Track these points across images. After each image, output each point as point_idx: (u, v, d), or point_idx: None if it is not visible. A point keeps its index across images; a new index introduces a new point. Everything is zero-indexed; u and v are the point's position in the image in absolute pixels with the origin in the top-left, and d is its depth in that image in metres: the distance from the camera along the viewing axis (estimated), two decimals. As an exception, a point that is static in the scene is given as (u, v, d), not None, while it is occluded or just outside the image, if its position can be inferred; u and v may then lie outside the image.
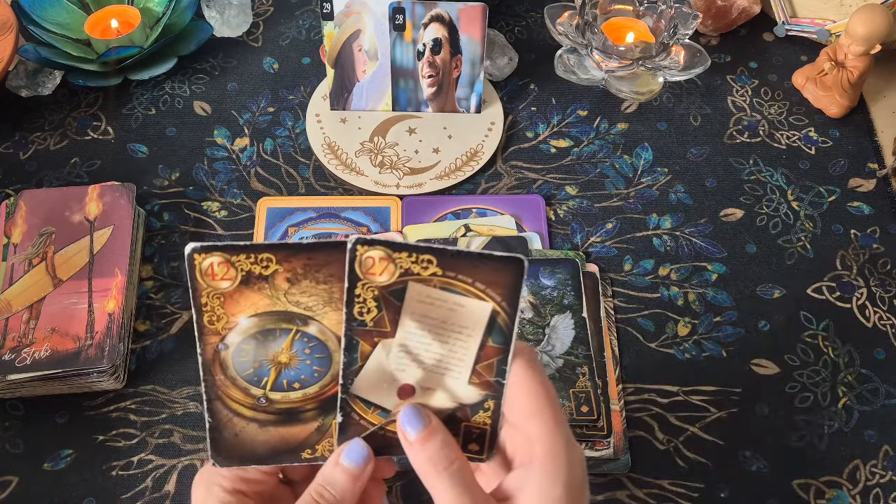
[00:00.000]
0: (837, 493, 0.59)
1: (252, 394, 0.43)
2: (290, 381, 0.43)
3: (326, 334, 0.42)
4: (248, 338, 0.42)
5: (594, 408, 0.59)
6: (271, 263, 0.41)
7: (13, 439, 0.61)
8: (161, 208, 0.73)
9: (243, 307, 0.42)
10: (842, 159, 0.77)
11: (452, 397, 0.43)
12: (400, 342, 0.42)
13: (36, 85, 0.80)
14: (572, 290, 0.65)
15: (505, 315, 0.41)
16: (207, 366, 0.42)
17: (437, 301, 0.41)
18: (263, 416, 0.43)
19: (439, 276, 0.40)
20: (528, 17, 0.88)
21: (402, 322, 0.41)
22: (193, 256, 0.40)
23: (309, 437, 0.44)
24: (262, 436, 0.44)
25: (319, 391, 0.43)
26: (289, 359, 0.43)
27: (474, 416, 0.43)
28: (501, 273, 0.40)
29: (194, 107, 0.80)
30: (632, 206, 0.73)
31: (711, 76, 0.82)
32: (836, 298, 0.68)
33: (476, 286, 0.41)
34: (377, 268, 0.40)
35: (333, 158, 0.75)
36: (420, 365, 0.42)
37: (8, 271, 0.65)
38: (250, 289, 0.41)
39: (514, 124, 0.79)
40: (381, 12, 0.72)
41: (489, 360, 0.42)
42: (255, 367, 0.43)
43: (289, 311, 0.42)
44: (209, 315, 0.42)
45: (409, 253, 0.40)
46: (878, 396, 0.63)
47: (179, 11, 0.83)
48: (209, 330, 0.42)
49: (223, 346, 0.42)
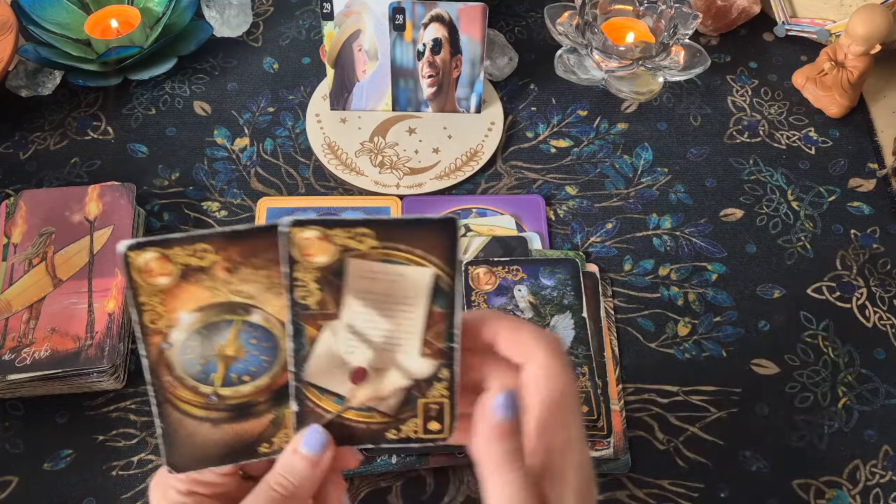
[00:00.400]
0: (837, 493, 0.59)
1: (202, 392, 0.42)
2: (240, 374, 0.42)
3: (271, 322, 0.41)
4: (193, 334, 0.41)
5: (594, 408, 0.59)
6: (208, 254, 0.40)
7: (13, 439, 0.61)
8: (161, 208, 0.73)
9: (184, 302, 0.40)
10: (842, 159, 0.77)
11: (406, 374, 0.42)
12: (346, 323, 0.41)
13: (36, 85, 0.80)
14: (572, 290, 0.65)
15: (447, 277, 0.40)
16: (153, 368, 0.41)
17: (379, 274, 0.40)
18: (216, 415, 0.42)
19: (377, 248, 0.39)
20: (528, 17, 0.88)
21: (346, 301, 0.40)
22: (128, 254, 0.39)
23: (264, 430, 0.43)
24: (216, 435, 0.42)
25: (270, 382, 0.42)
26: (235, 351, 0.42)
27: (430, 391, 0.42)
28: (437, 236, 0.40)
29: (194, 107, 0.80)
30: (632, 206, 0.73)
31: (711, 76, 0.82)
32: (836, 298, 0.68)
33: (415, 253, 0.40)
34: (314, 248, 0.39)
35: (333, 158, 0.75)
36: (369, 345, 0.41)
37: (8, 271, 0.65)
38: (189, 282, 0.40)
39: (514, 124, 0.79)
40: (381, 12, 0.72)
41: (437, 327, 0.41)
42: (202, 363, 0.42)
43: (231, 301, 0.41)
44: (150, 314, 0.40)
45: (345, 228, 0.39)
46: (878, 396, 0.63)
47: (179, 11, 0.83)
48: (151, 330, 0.41)
49: (167, 346, 0.41)
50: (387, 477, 0.59)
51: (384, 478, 0.59)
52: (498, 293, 0.65)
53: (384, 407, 0.42)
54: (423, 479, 0.59)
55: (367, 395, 0.42)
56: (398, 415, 0.42)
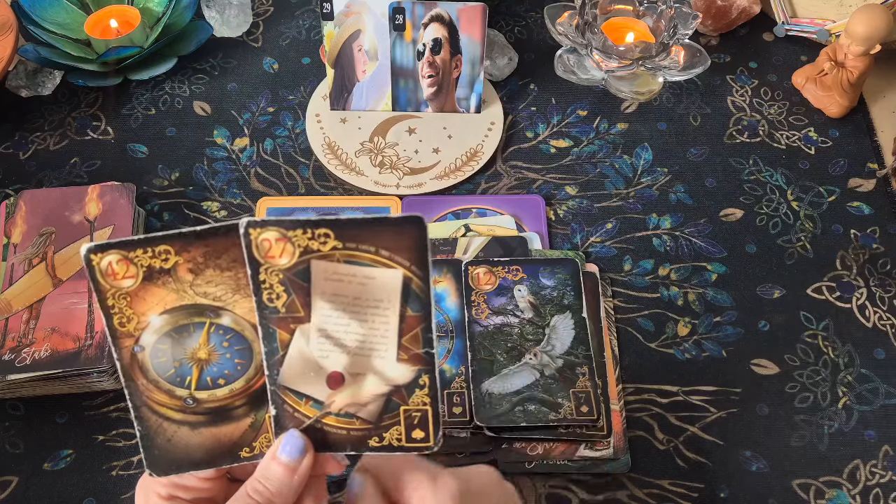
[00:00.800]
0: (837, 493, 0.59)
1: (178, 395, 0.41)
2: (214, 377, 0.41)
3: (241, 324, 0.41)
4: (163, 336, 0.41)
5: (594, 408, 0.59)
6: (170, 255, 0.39)
7: (13, 439, 0.61)
8: (161, 208, 0.73)
9: (151, 304, 0.40)
10: (842, 159, 0.77)
11: (384, 380, 0.40)
12: (317, 326, 0.40)
13: (36, 85, 0.80)
14: (572, 290, 0.65)
15: (418, 280, 0.39)
16: (127, 371, 0.41)
17: (346, 276, 0.39)
18: (194, 418, 0.41)
19: (340, 249, 0.38)
20: (528, 17, 0.88)
21: (315, 304, 0.39)
22: (90, 257, 0.39)
23: (244, 434, 0.42)
24: (195, 439, 0.42)
25: (246, 385, 0.42)
26: (208, 354, 0.41)
27: (412, 398, 0.41)
28: (404, 236, 0.38)
29: (194, 107, 0.80)
30: (632, 206, 0.73)
31: (711, 76, 0.82)
32: (836, 298, 0.68)
33: (381, 254, 0.38)
34: (275, 249, 0.38)
35: (333, 158, 0.75)
36: (343, 349, 0.40)
37: (8, 271, 0.65)
38: (154, 284, 0.40)
39: (514, 124, 0.79)
40: (381, 12, 0.72)
41: (413, 331, 0.40)
42: (175, 366, 0.41)
43: (197, 303, 0.40)
44: (118, 317, 0.40)
45: (304, 229, 0.38)
46: (878, 396, 0.63)
47: (179, 11, 0.83)
48: (121, 333, 0.40)
49: (139, 348, 0.41)
50: (387, 477, 0.59)
51: (384, 478, 0.59)
52: (498, 293, 0.65)
53: (364, 413, 0.41)
54: (423, 479, 0.59)
55: (345, 400, 0.41)
56: (379, 422, 0.41)
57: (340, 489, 0.58)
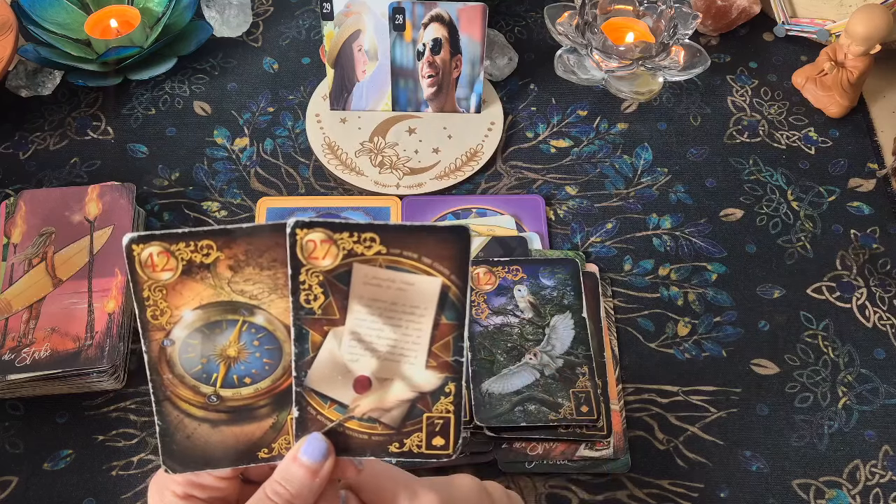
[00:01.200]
0: (837, 493, 0.59)
1: (202, 392, 0.41)
2: (241, 376, 0.41)
3: (274, 324, 0.40)
4: (194, 332, 0.40)
5: (594, 408, 0.59)
6: (212, 251, 0.39)
7: (13, 439, 0.61)
8: (161, 208, 0.73)
9: (187, 299, 0.40)
10: (842, 159, 0.77)
11: (411, 386, 0.41)
12: (350, 329, 0.40)
13: (36, 85, 0.80)
14: (572, 290, 0.65)
15: (456, 289, 0.39)
16: (154, 364, 0.40)
17: (385, 282, 0.39)
18: (215, 416, 0.41)
19: (384, 254, 0.38)
20: (528, 17, 0.88)
21: (351, 308, 0.39)
22: (132, 247, 0.39)
23: (264, 435, 0.42)
24: (215, 437, 0.41)
25: (272, 385, 0.41)
26: (237, 352, 0.41)
27: (436, 405, 0.41)
28: (447, 245, 0.38)
29: (194, 107, 0.80)
30: (632, 206, 0.73)
31: (711, 76, 0.82)
32: (836, 298, 0.68)
33: (423, 261, 0.39)
34: (319, 251, 0.38)
35: (333, 158, 0.75)
36: (374, 353, 0.40)
37: (8, 271, 0.65)
38: (193, 279, 0.39)
39: (514, 124, 0.79)
40: (381, 12, 0.72)
41: (445, 339, 0.40)
42: (202, 362, 0.41)
43: (233, 300, 0.40)
44: (152, 309, 0.40)
45: (351, 232, 0.38)
46: (878, 396, 0.63)
47: (179, 11, 0.83)
48: (153, 325, 0.40)
49: (169, 342, 0.40)
50: (387, 477, 0.59)
51: (384, 478, 0.59)
52: (498, 293, 0.65)
53: (387, 419, 0.41)
54: (423, 479, 0.59)
55: (370, 405, 0.41)
56: (401, 428, 0.41)
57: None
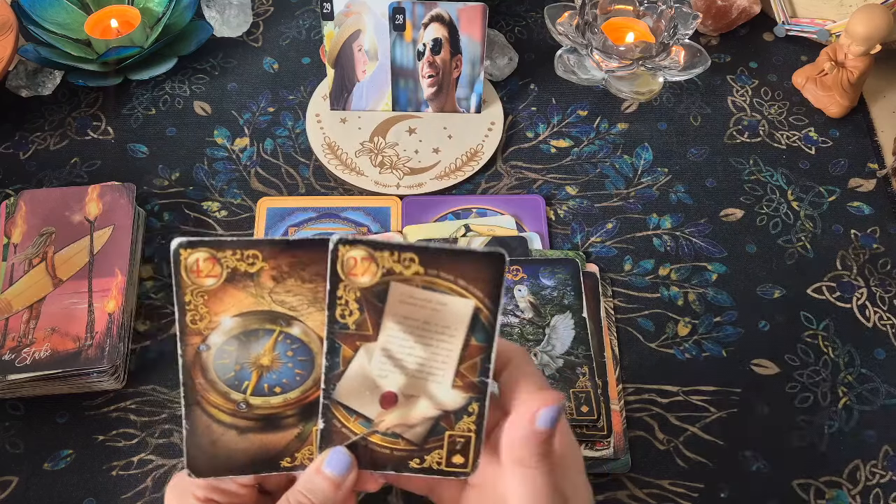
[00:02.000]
0: (837, 493, 0.59)
1: (232, 399, 0.41)
2: (272, 385, 0.42)
3: (310, 336, 0.41)
4: (231, 339, 0.41)
5: (594, 407, 0.59)
6: (257, 261, 0.40)
7: (13, 439, 0.61)
8: (161, 208, 0.73)
9: (227, 306, 0.40)
10: (842, 159, 0.77)
11: (436, 404, 0.41)
12: (382, 346, 0.40)
13: (36, 85, 0.80)
14: (572, 290, 0.65)
15: (487, 312, 0.39)
16: (188, 368, 0.41)
17: (420, 301, 0.40)
18: (243, 423, 0.42)
19: (421, 274, 0.39)
20: (528, 17, 0.88)
21: (385, 325, 0.40)
22: (179, 252, 0.39)
23: (289, 444, 0.42)
24: (240, 444, 0.42)
25: (301, 396, 0.42)
26: (271, 361, 0.41)
27: (458, 423, 0.41)
28: (483, 269, 0.39)
29: (194, 107, 0.80)
30: (632, 206, 0.73)
31: (711, 76, 0.82)
32: (836, 298, 0.68)
33: (458, 283, 0.39)
34: (359, 268, 0.39)
35: (333, 158, 0.75)
36: (402, 370, 0.41)
37: (8, 271, 0.65)
38: (235, 287, 0.40)
39: (514, 124, 0.79)
40: (381, 12, 0.72)
41: (473, 360, 0.40)
42: (236, 370, 0.41)
43: (273, 310, 0.40)
44: (192, 314, 0.40)
45: (392, 252, 0.38)
46: (878, 396, 0.63)
47: (179, 11, 0.83)
48: (191, 330, 0.40)
49: (205, 348, 0.41)
50: (387, 477, 0.59)
51: (384, 478, 0.59)
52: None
53: (410, 435, 0.42)
54: (423, 479, 0.59)
55: (394, 420, 0.41)
56: (423, 444, 0.42)
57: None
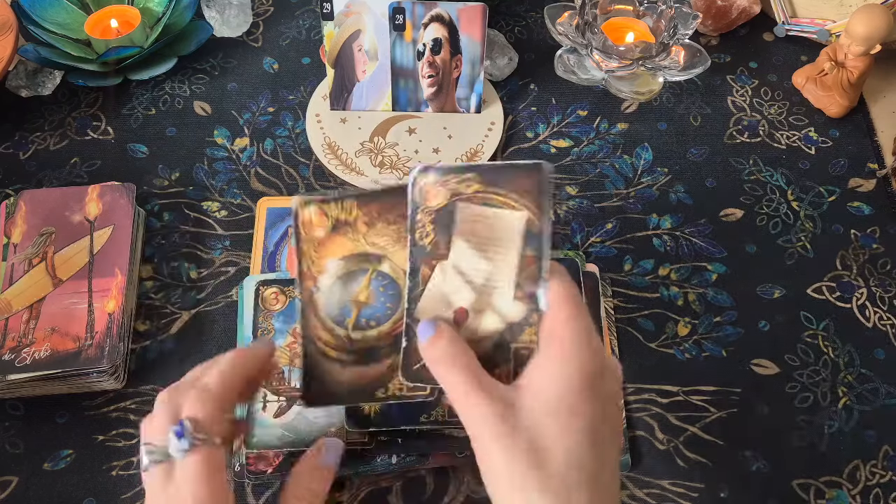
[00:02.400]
0: (837, 493, 0.59)
1: (337, 334, 0.47)
2: (368, 319, 0.47)
3: (397, 272, 0.47)
4: (336, 280, 0.47)
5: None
6: (354, 209, 0.46)
7: (13, 439, 0.61)
8: (161, 208, 0.73)
9: (332, 251, 0.47)
10: (842, 159, 0.77)
11: (501, 317, 0.45)
12: (453, 263, 0.45)
13: (36, 85, 0.80)
14: (572, 290, 0.65)
15: (536, 220, 0.44)
16: (305, 308, 0.47)
17: (480, 217, 0.44)
18: (346, 357, 0.47)
19: (480, 192, 0.44)
20: (528, 17, 0.88)
21: (455, 243, 0.45)
22: (298, 209, 0.46)
23: (382, 376, 0.47)
24: (343, 376, 0.47)
25: (392, 328, 0.47)
26: (367, 297, 0.47)
27: (521, 336, 0.45)
28: (527, 180, 0.44)
29: (194, 107, 0.80)
30: (632, 206, 0.73)
31: (711, 76, 0.82)
32: (836, 298, 0.68)
33: (510, 197, 0.44)
34: (431, 193, 0.44)
35: (333, 158, 0.75)
36: (472, 286, 0.45)
37: (8, 271, 0.65)
38: (338, 234, 0.47)
39: (514, 124, 0.79)
40: (381, 12, 0.72)
41: (528, 270, 0.44)
42: (339, 307, 0.47)
43: (367, 252, 0.47)
44: (307, 261, 0.47)
45: (455, 174, 0.44)
46: (878, 396, 0.63)
47: (179, 11, 0.83)
48: (306, 275, 0.47)
49: (316, 289, 0.47)
50: (387, 477, 0.59)
51: (384, 478, 0.59)
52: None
53: (478, 349, 0.44)
54: (423, 479, 0.59)
55: (465, 336, 0.45)
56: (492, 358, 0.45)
57: (339, 489, 0.58)
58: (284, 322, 0.62)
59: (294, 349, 0.56)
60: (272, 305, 0.61)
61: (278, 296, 0.61)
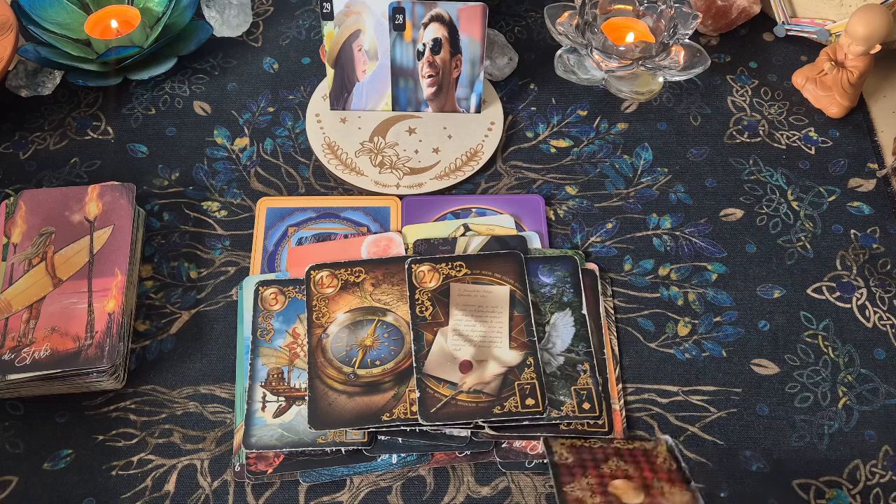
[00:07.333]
0: (837, 493, 0.59)
1: (344, 371, 0.58)
2: (373, 359, 0.58)
3: (399, 322, 0.60)
4: (343, 328, 0.59)
5: (596, 404, 0.59)
6: (362, 273, 0.62)
7: (13, 439, 0.61)
8: (161, 208, 0.73)
9: (341, 305, 0.61)
10: (842, 159, 0.77)
11: (501, 363, 0.58)
12: (452, 328, 0.59)
13: (36, 85, 0.80)
14: (571, 288, 0.65)
15: (520, 291, 0.60)
16: (312, 351, 0.59)
17: (472, 292, 0.59)
18: (352, 389, 0.57)
19: (469, 274, 0.60)
20: (528, 17, 0.88)
21: (451, 313, 0.59)
22: (310, 273, 0.62)
23: (387, 403, 0.57)
24: (349, 405, 0.57)
25: (395, 366, 0.58)
26: (372, 342, 0.59)
27: (522, 375, 0.58)
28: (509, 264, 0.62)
29: (194, 107, 0.80)
30: (632, 206, 0.73)
31: (711, 76, 0.82)
32: (836, 298, 0.68)
33: (496, 276, 0.60)
34: (427, 277, 0.61)
35: (333, 158, 0.75)
36: (471, 343, 0.58)
37: (8, 271, 0.65)
38: (347, 292, 0.61)
39: (514, 124, 0.79)
40: (381, 12, 0.72)
41: (519, 327, 0.59)
42: (347, 349, 0.59)
43: (373, 306, 0.60)
44: (317, 313, 0.60)
45: (446, 262, 0.61)
46: (878, 396, 0.63)
47: (179, 11, 0.83)
48: (316, 324, 0.60)
49: (325, 335, 0.59)
50: (387, 477, 0.59)
51: (384, 478, 0.59)
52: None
53: (488, 389, 0.57)
54: (423, 479, 0.59)
55: (473, 381, 0.57)
56: (500, 395, 0.57)
57: (340, 489, 0.58)
58: (284, 322, 0.62)
59: (294, 349, 0.59)
60: (272, 305, 0.62)
61: (278, 296, 0.62)
